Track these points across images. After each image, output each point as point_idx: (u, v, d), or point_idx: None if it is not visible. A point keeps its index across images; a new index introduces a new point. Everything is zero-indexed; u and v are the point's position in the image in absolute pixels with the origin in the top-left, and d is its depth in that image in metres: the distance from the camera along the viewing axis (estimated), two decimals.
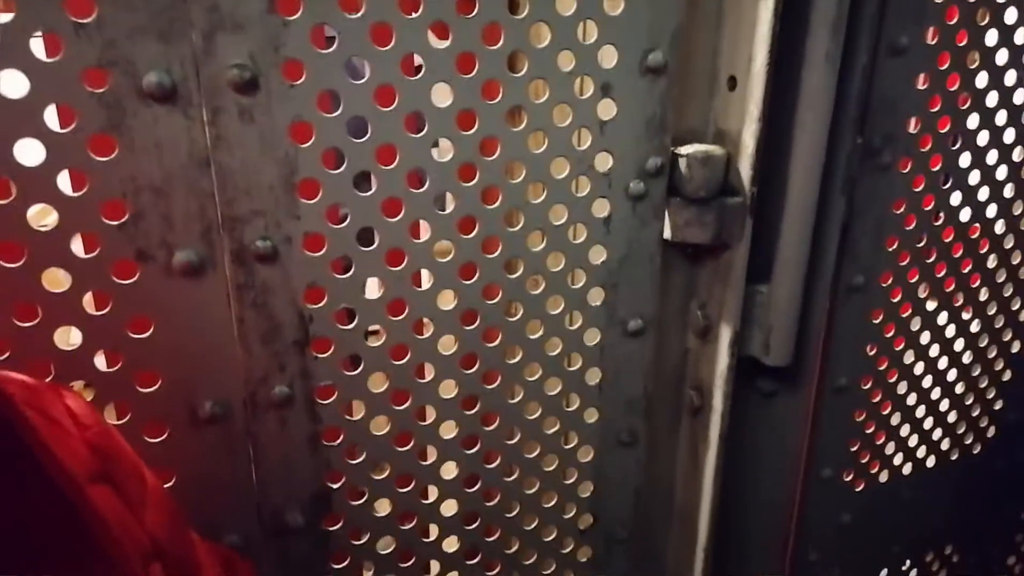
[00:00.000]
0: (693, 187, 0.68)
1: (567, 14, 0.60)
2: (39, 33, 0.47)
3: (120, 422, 0.56)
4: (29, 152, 0.48)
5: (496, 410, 0.71)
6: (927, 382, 0.90)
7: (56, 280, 0.51)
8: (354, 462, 0.66)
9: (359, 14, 0.54)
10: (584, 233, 0.68)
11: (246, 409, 0.60)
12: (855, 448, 0.89)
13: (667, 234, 0.70)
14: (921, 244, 0.81)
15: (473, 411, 0.69)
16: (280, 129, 0.55)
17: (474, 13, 0.57)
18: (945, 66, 0.74)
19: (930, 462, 0.95)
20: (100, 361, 0.55)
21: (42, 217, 0.50)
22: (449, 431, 0.70)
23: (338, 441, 0.65)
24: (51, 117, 0.49)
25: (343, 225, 0.59)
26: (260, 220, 0.56)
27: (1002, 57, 0.77)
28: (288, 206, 0.57)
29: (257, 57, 0.52)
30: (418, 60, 0.57)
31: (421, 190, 0.60)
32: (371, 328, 0.63)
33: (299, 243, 0.58)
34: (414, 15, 0.55)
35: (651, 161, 0.67)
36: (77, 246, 0.52)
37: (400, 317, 0.63)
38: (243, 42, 0.52)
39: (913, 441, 0.92)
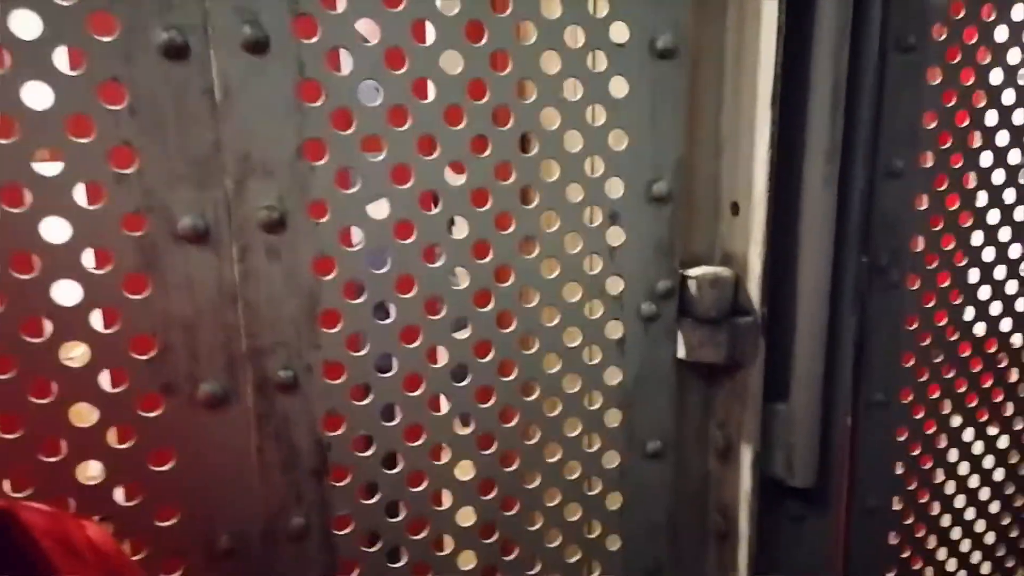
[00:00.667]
0: (704, 308, 0.69)
1: (575, 151, 0.64)
2: (83, 183, 0.51)
3: (136, 557, 0.56)
4: (67, 292, 0.51)
5: (515, 538, 0.69)
6: (960, 502, 0.87)
7: (82, 415, 0.52)
8: None
9: (380, 157, 0.58)
10: (599, 355, 0.69)
11: (262, 542, 0.60)
12: (891, 575, 0.84)
13: (681, 354, 0.71)
14: (939, 360, 0.81)
15: (491, 540, 0.68)
16: (304, 264, 0.57)
17: (487, 153, 0.61)
18: (943, 187, 0.77)
19: None
20: (119, 494, 0.55)
21: (71, 351, 0.52)
22: (468, 561, 0.68)
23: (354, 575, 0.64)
24: (89, 259, 0.51)
25: (362, 353, 0.60)
26: (283, 351, 0.58)
27: (999, 177, 0.80)
28: (309, 336, 0.59)
29: (285, 199, 0.56)
30: (435, 195, 0.60)
31: (438, 317, 0.62)
32: (387, 455, 0.63)
33: (319, 371, 0.59)
34: (432, 156, 0.59)
35: (661, 284, 0.69)
36: (105, 381, 0.53)
37: (417, 443, 0.63)
38: (273, 186, 0.55)
39: (952, 566, 0.88)
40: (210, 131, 0.53)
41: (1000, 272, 0.82)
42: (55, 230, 0.50)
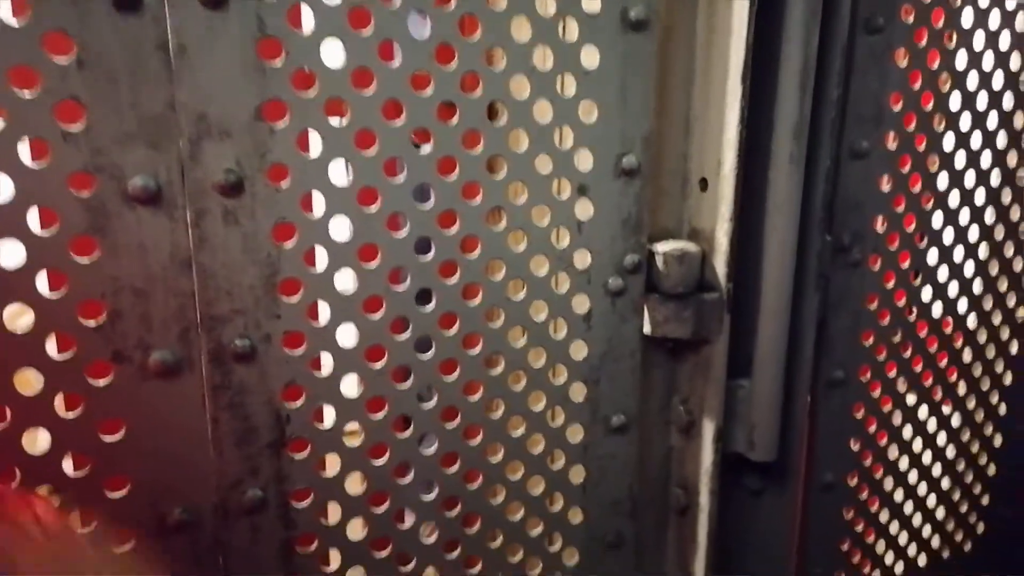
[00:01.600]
0: (670, 283, 0.69)
1: (544, 121, 0.63)
2: (26, 139, 0.48)
3: (85, 529, 0.54)
4: (10, 252, 0.49)
5: (478, 511, 0.69)
6: (912, 477, 0.89)
7: (27, 382, 0.50)
8: (328, 569, 0.64)
9: (344, 121, 0.56)
10: (565, 329, 0.68)
11: (216, 515, 0.58)
12: (845, 547, 0.86)
13: (647, 329, 0.71)
14: (897, 339, 0.82)
15: (453, 513, 0.67)
16: (263, 230, 0.56)
17: (454, 121, 0.59)
18: (907, 168, 0.78)
19: (921, 560, 0.93)
20: (68, 465, 0.53)
21: (16, 317, 0.50)
22: (429, 535, 0.67)
23: (312, 548, 0.63)
24: (33, 219, 0.49)
25: (323, 323, 0.59)
26: (240, 319, 0.56)
27: (960, 160, 0.81)
28: (268, 305, 0.57)
29: (243, 162, 0.54)
30: (400, 164, 0.59)
31: (402, 287, 0.61)
32: (349, 428, 0.62)
33: (278, 341, 0.58)
34: (397, 122, 0.58)
35: (628, 258, 0.69)
36: (52, 347, 0.51)
37: (379, 416, 0.62)
38: (230, 148, 0.53)
39: (903, 539, 0.90)
40: (164, 89, 0.50)
41: (958, 254, 0.84)
42: None
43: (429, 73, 0.58)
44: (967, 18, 0.77)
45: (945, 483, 0.92)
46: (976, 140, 0.81)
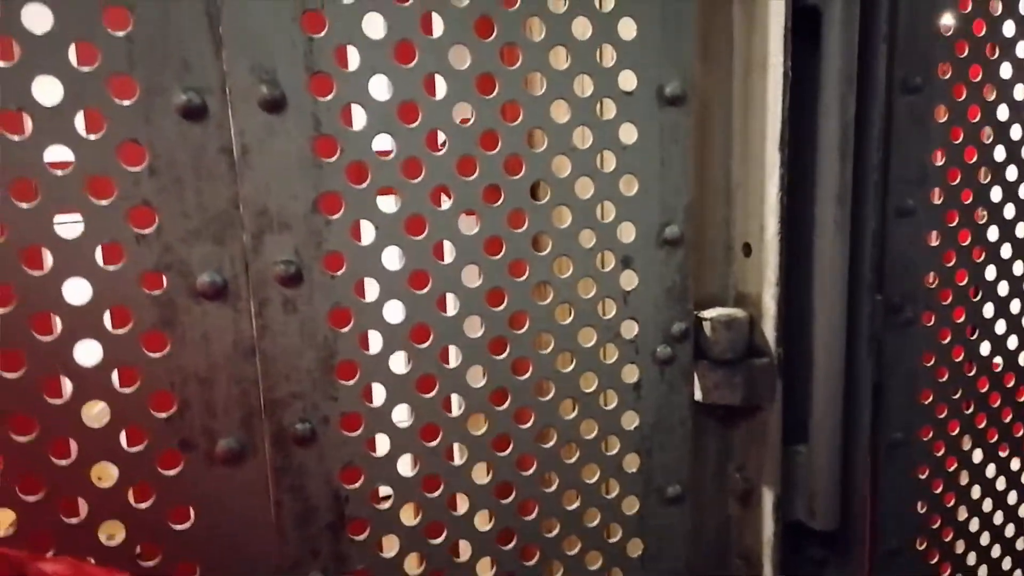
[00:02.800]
0: (719, 349, 0.69)
1: (586, 197, 0.64)
2: (103, 243, 0.51)
3: None
4: (87, 352, 0.51)
5: None
6: (985, 539, 0.85)
7: (103, 475, 0.52)
8: None
9: (395, 211, 0.58)
10: (615, 399, 0.68)
11: None
12: None
13: (698, 396, 0.70)
14: (957, 396, 0.80)
15: None
16: (320, 316, 0.58)
17: (499, 202, 0.61)
18: (954, 223, 0.77)
19: None
20: (139, 553, 0.54)
21: (92, 412, 0.52)
22: None
23: None
24: (108, 319, 0.52)
25: (378, 404, 0.60)
26: (299, 403, 0.58)
27: (1009, 212, 0.80)
28: (326, 388, 0.59)
29: (302, 252, 0.56)
30: (448, 246, 0.61)
31: (453, 366, 0.62)
32: (405, 507, 0.62)
33: (336, 423, 0.59)
34: (445, 206, 0.60)
35: (676, 326, 0.69)
36: (124, 439, 0.53)
37: (434, 494, 0.63)
38: (289, 240, 0.56)
39: None
40: (228, 188, 0.53)
41: (1016, 306, 0.82)
42: (76, 291, 0.51)
43: (474, 157, 0.60)
44: (1005, 70, 0.77)
45: (1021, 544, 0.88)
46: None
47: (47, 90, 0.48)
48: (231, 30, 0.51)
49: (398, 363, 0.61)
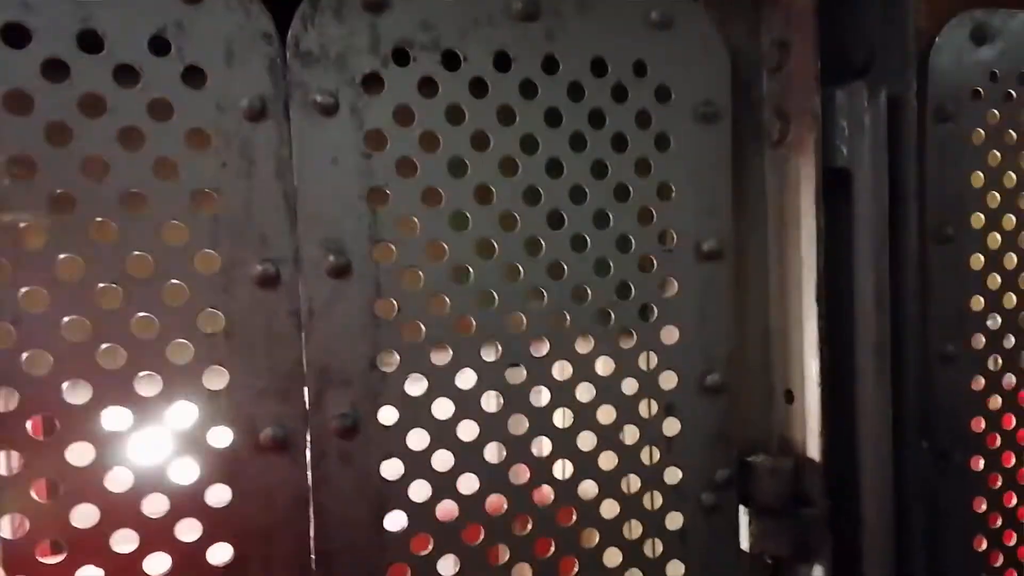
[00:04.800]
0: (765, 497, 0.69)
1: (628, 347, 0.67)
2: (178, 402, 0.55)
3: None
4: (155, 505, 0.54)
5: None
6: None
7: None
8: None
9: (446, 362, 0.61)
10: (660, 547, 0.68)
11: None
12: None
13: (745, 545, 0.70)
14: (1012, 543, 0.78)
15: None
16: (374, 467, 0.60)
17: (545, 353, 0.64)
18: (997, 367, 0.77)
19: None
20: None
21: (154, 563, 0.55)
22: None
23: None
24: (176, 471, 0.55)
25: (426, 553, 0.61)
26: (348, 555, 0.59)
27: None
28: (376, 539, 0.60)
29: (359, 406, 0.59)
30: (494, 396, 0.63)
31: (499, 515, 0.63)
32: None
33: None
34: (491, 356, 0.62)
35: (720, 473, 0.69)
36: None
37: None
38: (347, 395, 0.59)
39: None
40: (294, 349, 0.57)
41: None
42: (147, 447, 0.54)
43: (520, 315, 0.63)
44: None
45: None
46: None
47: (139, 266, 0.54)
48: (305, 207, 0.57)
49: (448, 511, 0.62)
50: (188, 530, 0.55)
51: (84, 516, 0.53)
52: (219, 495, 0.56)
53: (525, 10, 0.61)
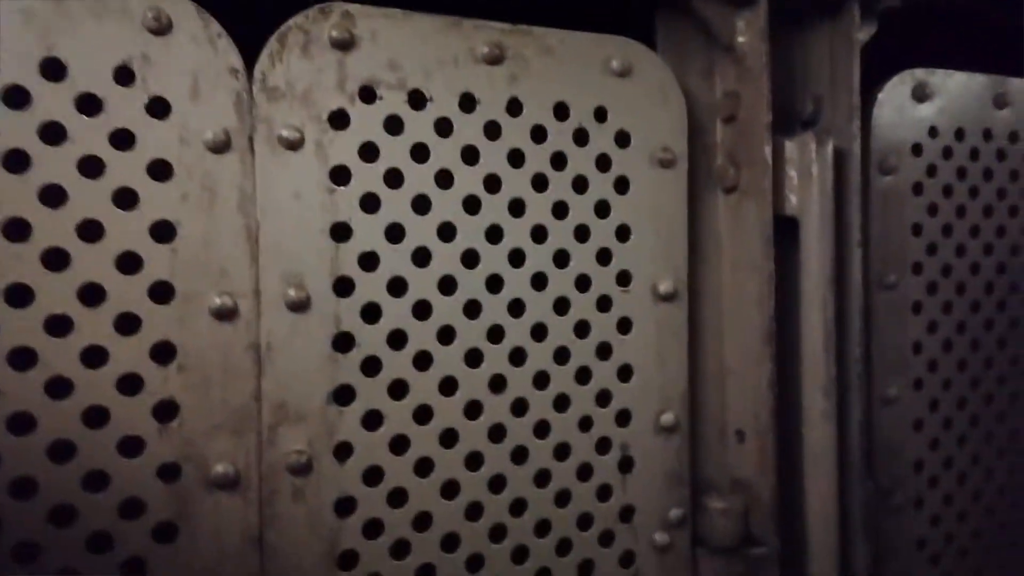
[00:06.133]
0: (717, 537, 0.70)
1: (586, 385, 0.67)
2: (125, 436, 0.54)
3: None
4: (96, 544, 0.52)
5: None
6: None
7: None
8: None
9: (405, 399, 0.61)
10: None
11: None
12: None
13: None
14: None
15: None
16: (327, 505, 0.59)
17: (503, 392, 0.64)
18: (937, 410, 0.80)
19: None
20: None
21: None
22: None
23: None
24: (123, 511, 0.53)
25: None
26: None
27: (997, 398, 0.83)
28: None
29: (314, 442, 0.58)
30: (454, 434, 0.63)
31: (455, 554, 0.63)
32: None
33: None
34: (453, 400, 0.63)
35: (673, 512, 0.70)
36: None
37: None
38: (303, 431, 0.58)
39: None
40: (251, 383, 0.56)
41: (1005, 497, 0.83)
42: (93, 482, 0.52)
43: (481, 350, 0.64)
44: (981, 266, 0.83)
45: None
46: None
47: (90, 295, 0.52)
48: (267, 240, 0.56)
49: (402, 551, 0.61)
50: (133, 572, 0.54)
51: (25, 558, 0.51)
52: (166, 535, 0.54)
53: (491, 54, 0.62)
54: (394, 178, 0.60)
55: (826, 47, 0.75)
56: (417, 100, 0.61)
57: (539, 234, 0.65)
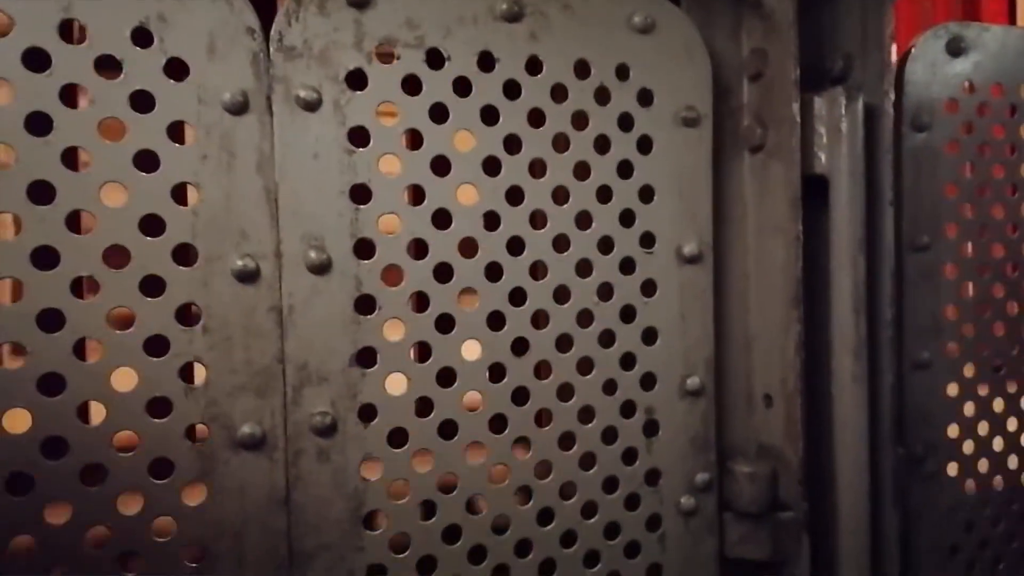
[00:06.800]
0: (744, 502, 0.69)
1: (610, 349, 0.67)
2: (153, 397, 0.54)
3: None
4: (128, 504, 0.53)
5: None
6: None
7: None
8: None
9: (427, 360, 0.61)
10: (640, 550, 0.68)
11: None
12: None
13: (724, 549, 0.70)
14: (986, 550, 0.79)
15: None
16: (352, 466, 0.59)
17: (526, 355, 0.64)
18: (972, 375, 0.78)
19: None
20: None
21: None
22: None
23: None
24: (152, 469, 0.54)
25: (405, 554, 0.61)
26: (326, 555, 0.59)
27: None
28: (354, 539, 0.59)
29: (337, 404, 0.59)
30: (476, 396, 0.63)
31: (481, 516, 0.63)
32: None
33: None
34: (474, 357, 0.62)
35: (699, 477, 0.69)
36: None
37: None
38: (326, 392, 0.58)
39: None
40: (274, 345, 0.57)
41: None
42: (123, 442, 0.53)
43: (504, 313, 0.63)
44: (1012, 229, 0.81)
45: None
46: None
47: (115, 257, 0.53)
48: (286, 202, 0.56)
49: (427, 513, 0.62)
50: (162, 531, 0.54)
51: (56, 516, 0.52)
52: (193, 494, 0.55)
53: (509, 11, 0.61)
54: (413, 139, 0.60)
55: (857, 1, 0.72)
56: (435, 59, 0.60)
57: (561, 195, 0.64)
